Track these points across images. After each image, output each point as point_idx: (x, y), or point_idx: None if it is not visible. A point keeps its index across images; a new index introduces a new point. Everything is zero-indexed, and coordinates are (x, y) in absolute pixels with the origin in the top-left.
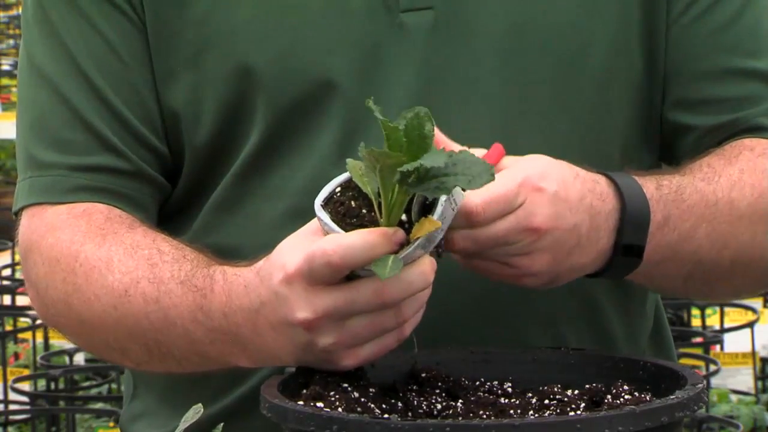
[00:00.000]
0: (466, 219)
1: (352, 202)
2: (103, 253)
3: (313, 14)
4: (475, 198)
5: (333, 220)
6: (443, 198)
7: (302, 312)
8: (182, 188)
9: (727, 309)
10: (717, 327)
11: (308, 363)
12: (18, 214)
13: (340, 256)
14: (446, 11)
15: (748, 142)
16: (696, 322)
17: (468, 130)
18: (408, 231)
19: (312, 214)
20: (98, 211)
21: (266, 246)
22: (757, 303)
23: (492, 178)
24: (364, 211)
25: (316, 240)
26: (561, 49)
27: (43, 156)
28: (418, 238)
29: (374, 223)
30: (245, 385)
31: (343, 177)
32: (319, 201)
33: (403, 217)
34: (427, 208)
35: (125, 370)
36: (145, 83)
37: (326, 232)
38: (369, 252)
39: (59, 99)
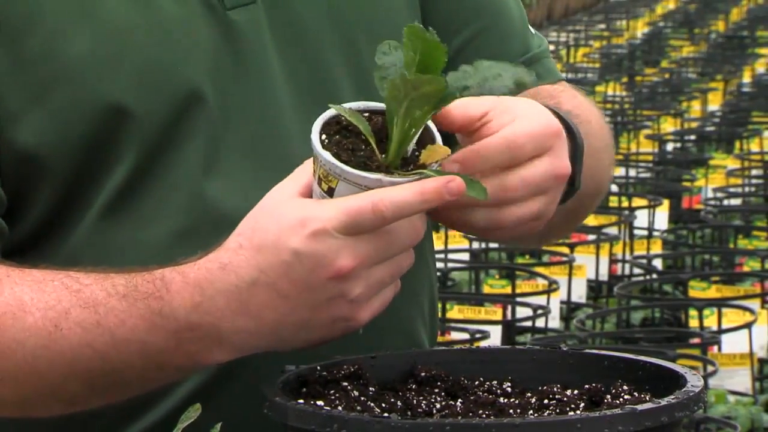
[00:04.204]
0: (508, 151)
1: (347, 141)
2: (7, 297)
3: (152, 30)
4: (516, 130)
5: (353, 166)
6: (433, 126)
7: (343, 259)
8: (29, 228)
9: (724, 310)
10: (715, 328)
11: (309, 336)
12: None
13: (393, 212)
14: (271, 3)
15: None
16: (694, 323)
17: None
18: (409, 164)
19: (199, 232)
20: None
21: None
22: (755, 304)
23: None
24: (363, 146)
25: (321, 199)
26: (381, 30)
27: None
28: (432, 162)
29: (376, 160)
30: (141, 421)
31: (319, 125)
32: (325, 152)
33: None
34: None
35: None
36: None
37: (327, 183)
38: (422, 207)
39: None
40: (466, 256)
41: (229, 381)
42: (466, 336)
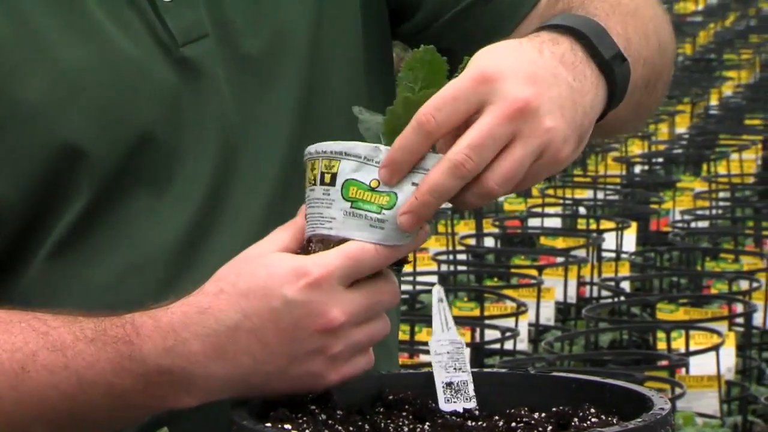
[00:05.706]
0: (420, 132)
1: None
2: None
3: (106, 71)
4: (423, 108)
5: None
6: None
7: (334, 312)
8: None
9: (692, 332)
10: (682, 350)
11: (277, 387)
12: None
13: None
14: (220, 35)
15: None
16: (661, 345)
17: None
18: None
19: (149, 268)
20: None
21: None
22: (722, 326)
23: None
24: None
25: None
26: (329, 51)
27: None
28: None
29: None
30: None
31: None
32: (322, 143)
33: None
34: None
35: None
36: None
37: (330, 171)
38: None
39: None
40: (434, 279)
41: None
42: None
